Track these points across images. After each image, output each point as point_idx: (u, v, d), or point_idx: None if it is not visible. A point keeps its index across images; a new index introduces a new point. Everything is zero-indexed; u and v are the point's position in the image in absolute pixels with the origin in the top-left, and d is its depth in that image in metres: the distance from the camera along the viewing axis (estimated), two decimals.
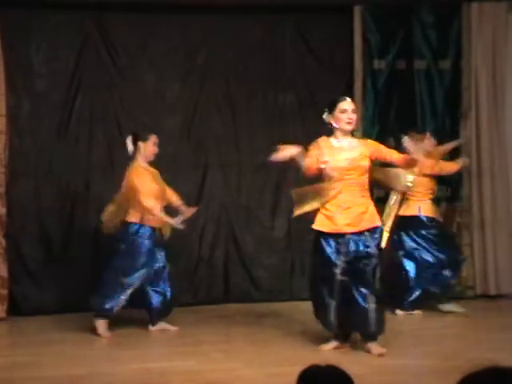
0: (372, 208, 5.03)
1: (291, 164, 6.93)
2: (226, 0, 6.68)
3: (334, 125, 4.99)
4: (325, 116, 5.05)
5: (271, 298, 6.89)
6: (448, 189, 6.97)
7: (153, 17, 6.78)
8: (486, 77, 6.91)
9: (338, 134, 5.02)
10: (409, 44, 6.96)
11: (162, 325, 5.78)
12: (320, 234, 4.96)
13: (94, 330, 5.60)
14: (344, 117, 4.95)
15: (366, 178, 5.01)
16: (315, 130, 6.91)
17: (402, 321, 6.05)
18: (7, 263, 6.33)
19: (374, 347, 4.89)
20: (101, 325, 5.58)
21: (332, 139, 5.03)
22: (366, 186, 5.03)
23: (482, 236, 6.92)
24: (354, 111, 5.04)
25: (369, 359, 4.83)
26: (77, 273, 6.55)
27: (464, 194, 6.97)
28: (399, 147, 6.98)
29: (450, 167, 6.54)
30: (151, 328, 5.75)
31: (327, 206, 4.94)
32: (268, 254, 7.00)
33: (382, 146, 5.17)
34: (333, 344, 5.00)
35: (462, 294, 6.87)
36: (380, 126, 6.97)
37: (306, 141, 7.01)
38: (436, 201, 6.72)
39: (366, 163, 4.98)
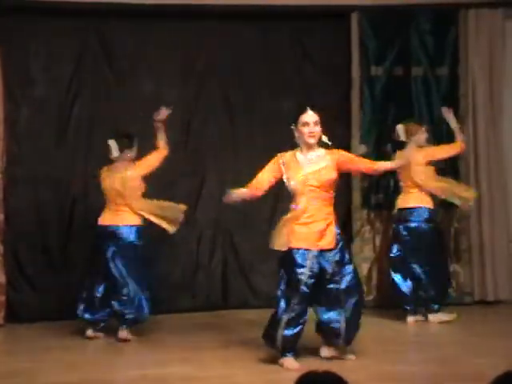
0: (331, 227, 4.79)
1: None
2: (223, 6, 6.69)
3: (298, 138, 4.80)
4: (292, 127, 4.84)
5: (269, 304, 6.85)
6: None
7: (151, 23, 6.79)
8: (483, 83, 6.94)
9: (303, 147, 4.82)
10: (406, 50, 6.98)
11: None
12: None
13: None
14: (306, 130, 4.75)
15: (330, 194, 4.81)
16: None
17: (399, 327, 6.05)
18: (5, 269, 6.33)
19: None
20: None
21: (298, 153, 4.84)
22: (331, 202, 4.82)
23: (479, 242, 6.93)
24: (316, 123, 4.74)
25: (367, 365, 4.82)
26: (75, 279, 6.53)
27: None
28: (395, 150, 7.04)
29: (446, 150, 6.32)
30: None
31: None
32: (266, 261, 6.99)
33: (352, 156, 5.05)
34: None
35: (460, 299, 6.88)
36: (377, 132, 6.99)
37: None
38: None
39: (332, 176, 4.78)
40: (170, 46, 6.86)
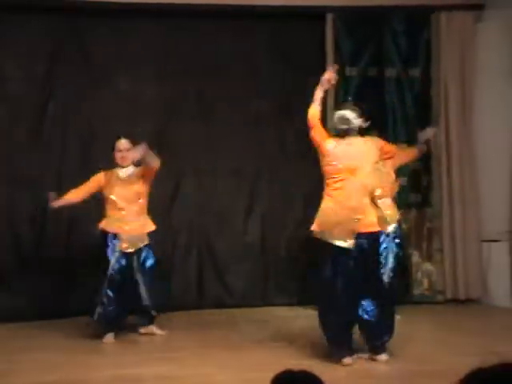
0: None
1: (264, 171, 7.04)
2: (201, 6, 6.70)
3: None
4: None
5: (245, 303, 6.91)
6: (418, 194, 7.06)
7: (127, 21, 6.78)
8: (455, 84, 7.03)
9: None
10: (380, 52, 7.05)
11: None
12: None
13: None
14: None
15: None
16: (289, 135, 7.02)
17: None
18: None
19: None
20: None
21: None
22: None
23: (451, 241, 7.01)
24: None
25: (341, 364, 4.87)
26: (49, 279, 6.51)
27: (434, 199, 7.06)
28: None
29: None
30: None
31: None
32: (241, 260, 7.03)
33: None
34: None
35: (432, 298, 6.97)
36: None
37: (279, 145, 7.14)
38: (406, 206, 6.81)
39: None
40: (146, 46, 6.86)
